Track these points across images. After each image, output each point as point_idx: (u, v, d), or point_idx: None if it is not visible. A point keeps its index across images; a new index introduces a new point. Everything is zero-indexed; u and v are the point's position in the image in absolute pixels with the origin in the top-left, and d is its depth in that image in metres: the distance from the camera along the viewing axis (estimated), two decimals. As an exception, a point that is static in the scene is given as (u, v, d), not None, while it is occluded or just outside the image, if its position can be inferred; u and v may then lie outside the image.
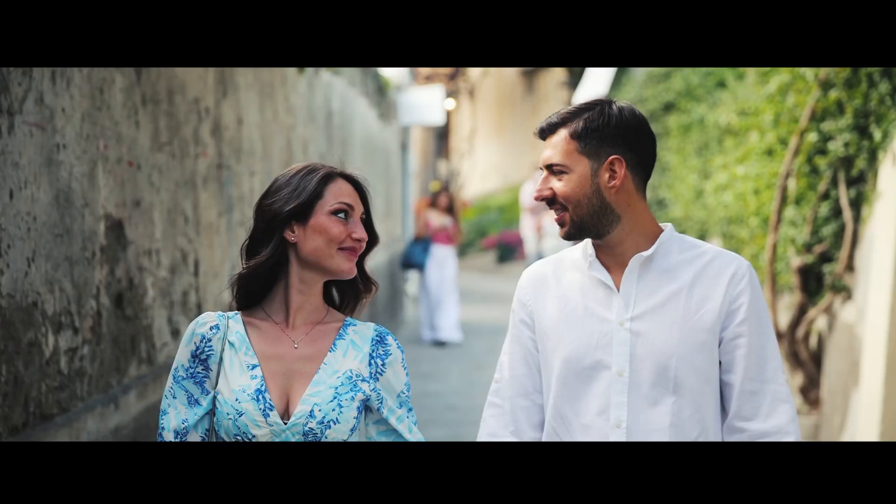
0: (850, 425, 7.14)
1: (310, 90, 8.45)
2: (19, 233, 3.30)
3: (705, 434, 2.54)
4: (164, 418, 2.50)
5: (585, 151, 2.53)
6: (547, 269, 2.70)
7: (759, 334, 2.54)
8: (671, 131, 15.68)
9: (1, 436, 3.16)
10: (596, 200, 2.54)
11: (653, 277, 2.56)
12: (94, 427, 3.77)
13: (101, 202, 3.96)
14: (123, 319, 4.19)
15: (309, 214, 2.49)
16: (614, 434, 2.53)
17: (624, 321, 2.55)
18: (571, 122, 2.55)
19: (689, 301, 2.53)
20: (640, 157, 2.57)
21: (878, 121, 7.03)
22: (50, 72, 3.53)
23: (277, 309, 2.54)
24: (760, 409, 2.52)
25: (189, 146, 5.08)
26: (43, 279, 3.46)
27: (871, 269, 7.01)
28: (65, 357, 3.62)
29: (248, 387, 2.45)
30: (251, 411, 2.43)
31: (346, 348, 2.54)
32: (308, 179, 2.50)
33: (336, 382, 2.49)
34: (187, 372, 2.49)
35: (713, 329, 2.53)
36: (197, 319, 2.52)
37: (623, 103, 2.59)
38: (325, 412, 2.45)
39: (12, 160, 3.26)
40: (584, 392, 2.57)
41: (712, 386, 2.54)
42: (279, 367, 2.49)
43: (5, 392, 3.20)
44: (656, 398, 2.53)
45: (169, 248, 4.77)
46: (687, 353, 2.51)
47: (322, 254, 2.48)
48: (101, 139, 3.97)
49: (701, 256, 2.58)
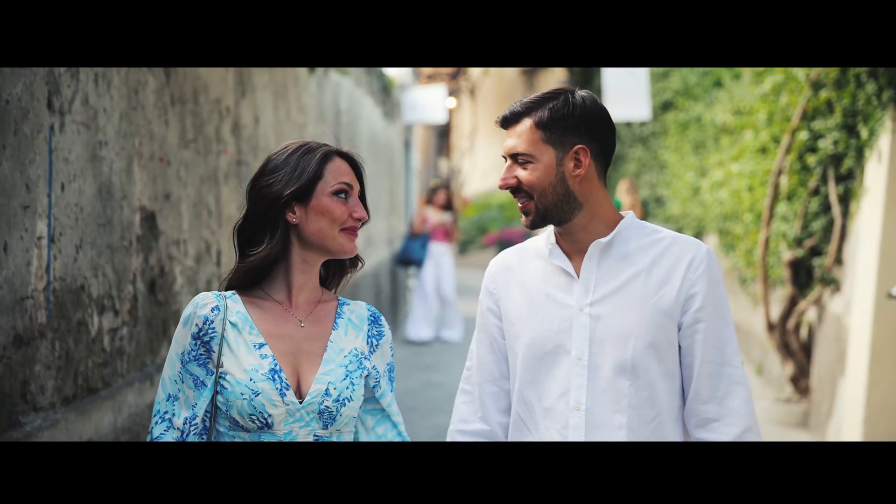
0: (836, 412, 7.45)
1: (319, 90, 8.77)
2: (69, 222, 3.62)
3: (661, 416, 2.57)
4: (173, 404, 2.44)
5: (551, 140, 2.56)
6: (511, 258, 2.74)
7: (716, 319, 2.56)
8: (669, 129, 15.96)
9: (56, 406, 3.48)
10: (560, 189, 2.56)
11: (612, 263, 2.60)
12: (133, 401, 4.10)
13: (136, 195, 4.28)
14: (156, 304, 4.52)
15: (310, 195, 2.46)
16: (574, 416, 2.56)
17: (584, 306, 2.58)
18: (536, 111, 2.57)
19: (647, 284, 2.57)
20: (602, 146, 2.60)
21: (865, 120, 7.31)
22: (94, 74, 3.85)
23: (278, 289, 2.50)
24: (717, 391, 2.55)
25: (212, 143, 5.41)
26: (89, 265, 3.79)
27: (858, 262, 7.32)
28: (107, 336, 3.95)
29: (261, 366, 2.42)
30: (268, 391, 2.40)
31: (346, 327, 2.55)
32: (307, 160, 2.47)
33: (345, 361, 2.50)
34: (190, 355, 2.44)
35: (671, 313, 2.55)
36: (195, 301, 2.47)
37: (584, 92, 2.60)
38: (340, 390, 2.45)
39: (63, 156, 3.58)
40: (545, 377, 2.60)
41: (670, 368, 2.57)
42: (287, 346, 2.47)
43: (59, 366, 3.53)
44: (615, 380, 2.55)
45: (195, 239, 5.09)
46: (644, 334, 2.54)
47: (325, 235, 2.47)
48: (137, 137, 4.29)
49: (660, 242, 2.61)
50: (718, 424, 2.55)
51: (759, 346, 10.10)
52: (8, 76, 3.18)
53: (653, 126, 17.15)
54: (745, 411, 2.55)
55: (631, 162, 18.44)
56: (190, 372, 2.44)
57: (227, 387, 2.41)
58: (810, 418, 8.31)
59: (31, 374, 3.34)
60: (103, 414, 3.82)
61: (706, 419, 2.56)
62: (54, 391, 3.49)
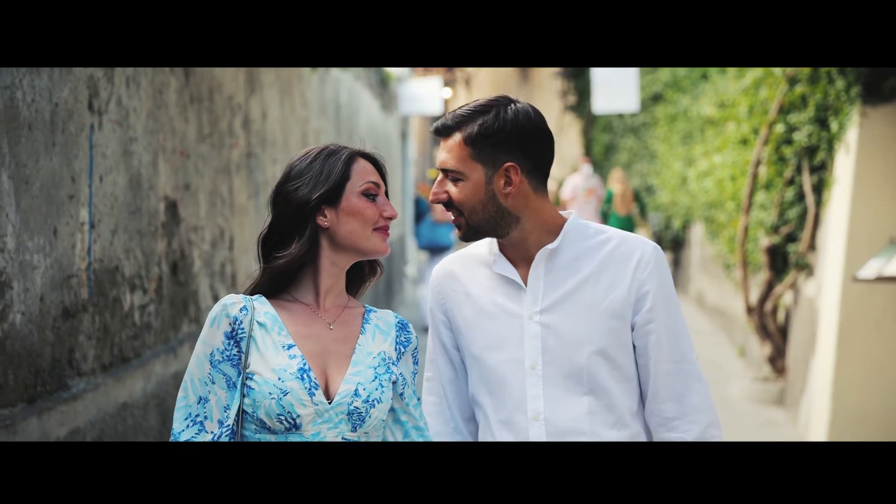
0: (809, 389, 7.92)
1: (321, 85, 9.25)
2: (106, 209, 4.09)
3: (623, 419, 2.52)
4: (204, 406, 2.38)
5: (480, 158, 2.46)
6: (455, 267, 2.66)
7: (668, 316, 2.51)
8: (659, 121, 16.41)
9: (96, 372, 3.95)
10: (492, 206, 2.48)
11: (559, 269, 2.53)
12: (160, 371, 4.57)
13: (161, 186, 4.74)
14: (178, 284, 4.99)
15: (339, 197, 2.44)
16: (534, 427, 2.51)
17: (533, 315, 2.52)
18: (466, 126, 2.47)
19: (596, 288, 2.51)
20: (535, 161, 2.50)
21: (836, 114, 7.76)
22: (125, 78, 4.31)
23: (305, 292, 2.48)
24: (676, 389, 2.51)
25: (225, 137, 5.87)
26: (122, 248, 4.25)
27: (828, 247, 7.78)
28: (137, 312, 4.42)
29: (290, 366, 2.38)
30: (297, 390, 2.35)
31: (373, 332, 2.52)
32: (332, 162, 2.46)
33: (374, 363, 2.46)
34: (223, 355, 2.39)
35: (622, 315, 2.50)
36: (222, 302, 2.43)
37: (521, 104, 2.51)
38: (370, 391, 2.41)
39: (101, 151, 4.04)
40: (499, 388, 2.54)
41: (626, 371, 2.52)
42: (315, 348, 2.43)
43: (98, 337, 3.99)
44: (571, 388, 2.50)
45: (210, 226, 5.56)
46: (597, 340, 2.49)
47: (358, 236, 2.45)
48: (161, 133, 4.76)
49: (606, 243, 2.54)
50: (680, 423, 2.51)
51: (741, 329, 10.58)
52: (56, 82, 3.64)
53: (643, 117, 17.59)
54: (705, 407, 2.52)
55: (622, 152, 18.90)
56: (223, 372, 2.39)
57: (255, 387, 2.36)
58: (786, 396, 8.79)
59: (76, 343, 3.80)
60: (135, 381, 4.29)
61: (667, 418, 2.52)
62: (94, 359, 3.96)
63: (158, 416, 4.57)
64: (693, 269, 14.56)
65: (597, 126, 21.42)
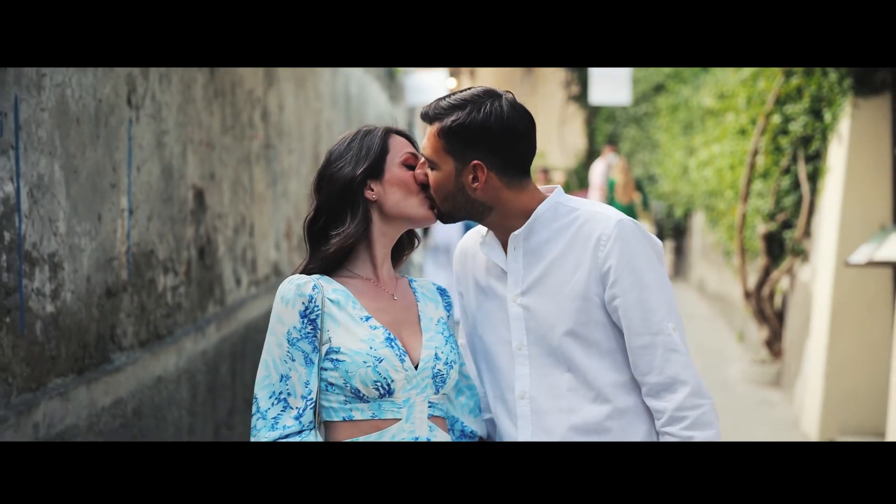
0: (803, 371, 8.20)
1: (333, 78, 9.56)
2: (142, 197, 4.40)
3: (604, 393, 2.55)
4: (286, 383, 2.44)
5: (450, 152, 2.51)
6: (469, 244, 2.74)
7: (636, 289, 2.50)
8: (661, 111, 16.64)
9: (134, 348, 4.27)
10: (461, 198, 2.54)
11: (533, 252, 2.57)
12: (189, 347, 4.89)
13: (189, 175, 5.06)
14: (205, 268, 5.31)
15: (382, 170, 2.53)
16: (520, 405, 2.58)
17: (515, 297, 2.58)
18: (442, 120, 2.52)
19: (563, 270, 2.54)
20: (505, 160, 2.52)
21: (830, 105, 8.03)
22: (158, 75, 4.62)
23: (362, 266, 2.56)
24: (654, 361, 2.51)
25: (245, 129, 6.19)
26: (156, 233, 4.57)
27: (822, 234, 8.06)
28: (170, 293, 4.74)
29: (376, 335, 2.46)
30: (389, 357, 2.44)
31: (424, 300, 2.62)
32: (370, 139, 2.55)
33: (440, 328, 2.57)
34: (300, 332, 2.45)
35: (586, 294, 2.52)
36: (293, 281, 2.48)
37: (501, 102, 2.53)
38: (447, 354, 2.53)
39: (138, 143, 4.36)
40: (495, 367, 2.64)
41: (603, 346, 2.55)
42: (388, 318, 2.52)
43: (137, 315, 4.31)
44: (553, 366, 2.56)
45: (233, 214, 5.88)
46: (566, 321, 2.53)
47: (405, 204, 2.53)
48: (189, 126, 5.07)
49: (574, 222, 2.55)
50: (665, 393, 2.52)
51: (740, 314, 10.86)
52: (101, 79, 3.95)
53: (646, 107, 17.83)
54: (686, 376, 2.51)
55: (626, 141, 19.15)
56: (301, 349, 2.45)
57: (345, 359, 2.43)
58: (782, 378, 9.08)
59: (117, 320, 4.12)
60: (168, 357, 4.61)
61: (651, 388, 2.54)
62: (133, 335, 4.28)
63: (189, 390, 4.90)
64: (694, 256, 14.85)
65: (600, 116, 21.67)
